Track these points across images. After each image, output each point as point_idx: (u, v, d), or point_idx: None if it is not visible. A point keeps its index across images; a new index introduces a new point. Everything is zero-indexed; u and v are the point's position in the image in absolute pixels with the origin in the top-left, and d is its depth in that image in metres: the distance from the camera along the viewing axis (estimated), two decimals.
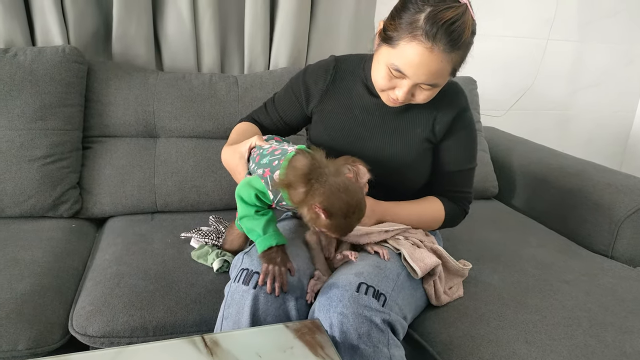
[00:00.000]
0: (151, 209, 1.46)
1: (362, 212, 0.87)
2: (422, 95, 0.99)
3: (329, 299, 0.89)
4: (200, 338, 0.80)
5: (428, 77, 0.93)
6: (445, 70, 0.93)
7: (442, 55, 0.90)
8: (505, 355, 0.93)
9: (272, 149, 0.96)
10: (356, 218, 0.86)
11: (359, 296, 0.89)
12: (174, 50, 1.62)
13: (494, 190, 1.79)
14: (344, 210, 0.83)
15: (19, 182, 1.31)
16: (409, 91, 0.97)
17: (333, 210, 0.83)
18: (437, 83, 0.96)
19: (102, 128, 1.47)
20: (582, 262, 1.32)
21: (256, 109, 1.28)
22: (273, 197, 0.91)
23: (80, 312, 1.02)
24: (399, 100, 0.99)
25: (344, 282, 0.91)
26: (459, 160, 1.11)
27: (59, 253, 1.20)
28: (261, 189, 0.91)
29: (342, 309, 0.87)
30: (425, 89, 0.97)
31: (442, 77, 0.95)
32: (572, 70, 2.32)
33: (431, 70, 0.92)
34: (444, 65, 0.92)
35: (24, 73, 1.34)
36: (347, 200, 0.83)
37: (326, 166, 0.87)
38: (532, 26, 2.16)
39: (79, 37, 1.52)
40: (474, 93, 1.85)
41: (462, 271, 1.11)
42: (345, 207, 0.83)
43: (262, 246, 0.92)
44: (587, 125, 2.49)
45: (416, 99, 1.00)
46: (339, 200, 0.83)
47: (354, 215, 0.85)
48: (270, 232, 0.93)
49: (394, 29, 0.93)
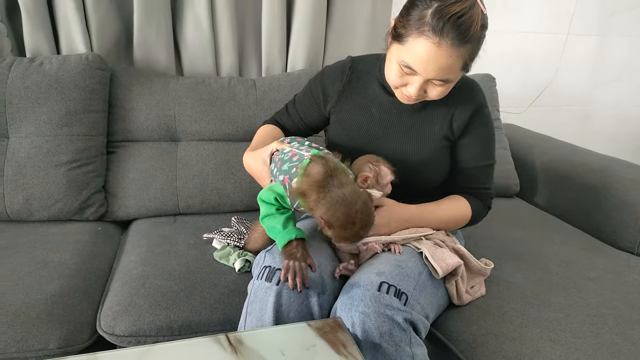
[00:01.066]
0: (174, 211, 1.49)
1: (366, 220, 0.87)
2: (435, 92, 0.98)
3: (351, 298, 0.90)
4: (224, 336, 0.81)
5: (438, 72, 0.93)
6: (455, 65, 0.92)
7: (450, 50, 0.90)
8: (529, 353, 0.92)
9: (292, 153, 0.98)
10: (359, 227, 0.87)
11: (380, 295, 0.89)
12: (193, 55, 1.65)
13: (515, 188, 1.77)
14: (342, 221, 0.86)
15: (46, 187, 1.35)
16: (420, 87, 0.97)
17: (332, 221, 0.86)
18: (449, 78, 0.95)
19: (125, 133, 1.50)
20: (607, 259, 1.30)
21: (278, 111, 1.31)
22: (291, 203, 0.94)
23: (107, 312, 1.05)
24: (412, 97, 0.99)
25: (365, 281, 0.91)
26: (478, 157, 1.11)
27: (86, 255, 1.23)
28: (282, 193, 0.94)
29: (363, 308, 0.88)
30: (437, 85, 0.97)
31: (453, 72, 0.94)
32: (593, 65, 2.28)
33: (440, 66, 0.92)
34: (454, 60, 0.91)
35: (50, 81, 1.38)
36: (345, 212, 0.85)
37: (335, 175, 0.88)
38: (551, 21, 2.13)
39: (101, 44, 1.56)
40: (493, 90, 1.84)
41: (484, 270, 1.10)
42: (344, 218, 0.85)
43: (282, 241, 0.93)
44: (610, 121, 2.44)
45: (429, 96, 1.00)
46: (337, 211, 0.85)
47: (354, 225, 0.86)
48: (290, 227, 0.95)
49: (403, 26, 0.94)
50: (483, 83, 1.81)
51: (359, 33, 1.78)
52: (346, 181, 0.89)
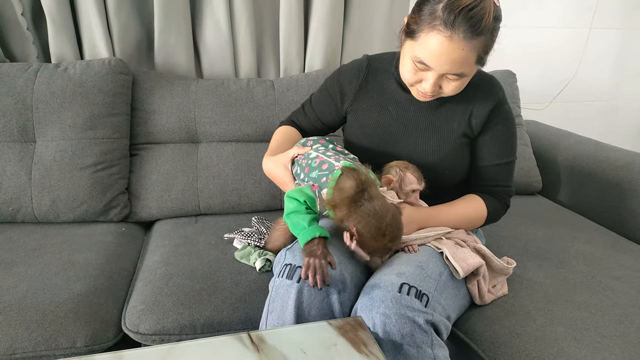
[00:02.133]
0: (195, 212, 1.51)
1: (395, 232, 0.90)
2: (450, 87, 0.98)
3: (371, 299, 0.90)
4: (246, 335, 0.82)
5: (451, 66, 0.93)
6: (468, 58, 0.92)
7: (462, 43, 0.89)
8: (553, 352, 0.91)
9: (320, 160, 0.99)
10: (388, 239, 0.90)
11: (401, 297, 0.88)
12: (212, 58, 1.67)
13: (537, 185, 1.74)
14: (373, 234, 0.89)
15: (72, 189, 1.38)
16: (435, 83, 0.97)
17: (364, 233, 0.90)
18: (463, 72, 0.94)
19: (147, 135, 1.53)
20: (633, 257, 1.27)
21: (295, 111, 1.31)
22: (320, 210, 0.96)
23: (132, 311, 1.07)
24: (428, 93, 0.99)
25: (386, 282, 0.91)
26: (498, 154, 1.09)
27: (110, 255, 1.26)
28: (312, 197, 0.96)
29: (384, 310, 0.87)
30: (451, 80, 0.96)
31: (467, 65, 0.93)
32: (617, 59, 2.23)
33: (453, 59, 0.91)
34: (466, 53, 0.91)
35: (74, 86, 1.41)
36: (376, 225, 0.88)
37: (367, 188, 0.90)
38: (573, 15, 2.09)
39: (123, 49, 1.59)
40: (514, 86, 1.81)
41: (506, 270, 1.08)
42: (375, 230, 0.89)
43: (304, 238, 0.94)
44: (635, 115, 2.38)
45: (445, 91, 0.99)
46: (369, 224, 0.89)
47: (384, 237, 0.89)
48: (314, 225, 0.95)
49: (415, 22, 0.94)
50: (503, 79, 1.79)
51: (377, 33, 1.77)
52: (376, 194, 0.91)
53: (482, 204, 1.10)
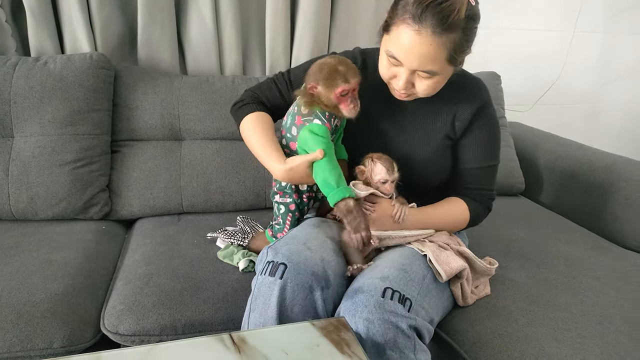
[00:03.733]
0: (177, 210, 1.49)
1: (347, 65, 1.00)
2: (423, 86, 0.96)
3: (355, 304, 0.89)
4: (228, 335, 0.81)
5: (420, 61, 0.91)
6: (437, 55, 0.90)
7: (430, 38, 0.88)
8: (534, 353, 0.92)
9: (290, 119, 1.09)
10: (343, 71, 0.98)
11: (384, 302, 0.88)
12: (197, 54, 1.65)
13: (520, 186, 1.76)
14: (326, 74, 0.99)
15: (51, 186, 1.35)
16: (407, 80, 0.96)
17: (319, 79, 0.99)
18: (432, 69, 0.93)
19: (129, 132, 1.50)
20: (613, 258, 1.29)
21: (255, 87, 1.20)
22: (305, 114, 1.03)
23: (111, 312, 1.05)
24: (401, 90, 0.98)
25: (369, 286, 0.91)
26: (481, 157, 1.09)
27: (90, 254, 1.23)
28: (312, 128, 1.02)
29: (367, 315, 0.87)
30: (423, 78, 0.95)
31: (436, 63, 0.91)
32: (600, 62, 2.27)
33: (421, 54, 0.90)
34: (435, 49, 0.89)
35: (54, 80, 1.38)
36: (328, 67, 0.99)
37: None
38: (557, 18, 2.11)
39: (105, 44, 1.56)
40: (498, 88, 1.82)
41: (488, 271, 1.09)
42: (327, 70, 0.99)
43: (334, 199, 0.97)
44: (618, 119, 2.42)
45: (418, 90, 0.98)
46: (322, 71, 1.00)
47: (337, 72, 0.98)
48: (343, 186, 0.98)
49: (390, 17, 0.94)
50: (488, 81, 1.80)
51: (363, 31, 1.77)
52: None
53: (465, 207, 1.10)
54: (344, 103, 1.00)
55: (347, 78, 0.98)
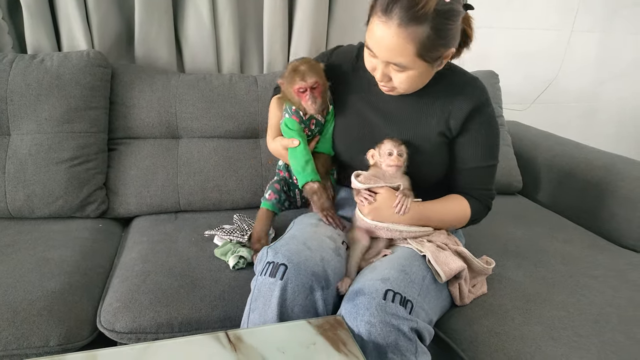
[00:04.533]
0: (175, 209, 1.49)
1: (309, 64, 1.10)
2: (397, 79, 0.98)
3: (356, 306, 0.89)
4: (224, 334, 0.81)
5: (388, 54, 0.93)
6: (405, 47, 0.90)
7: (397, 29, 0.89)
8: (530, 352, 0.92)
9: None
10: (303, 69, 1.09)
11: (386, 304, 0.88)
12: (194, 52, 1.65)
13: (518, 185, 1.76)
14: (289, 71, 1.11)
15: (47, 184, 1.35)
16: (383, 73, 0.98)
17: (284, 77, 1.13)
18: (401, 63, 0.93)
19: (126, 130, 1.50)
20: (610, 257, 1.29)
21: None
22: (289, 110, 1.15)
23: (107, 309, 1.05)
24: (380, 82, 1.01)
25: (370, 289, 0.90)
26: (479, 157, 1.08)
27: (86, 252, 1.23)
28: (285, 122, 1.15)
29: (369, 318, 0.87)
30: (396, 70, 0.97)
31: (403, 55, 0.92)
32: (597, 62, 2.27)
33: (388, 46, 0.92)
34: (402, 41, 0.90)
35: (51, 78, 1.38)
36: (292, 66, 1.11)
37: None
38: (555, 18, 2.11)
39: (102, 41, 1.55)
40: (496, 87, 1.82)
41: (486, 270, 1.09)
42: (290, 68, 1.11)
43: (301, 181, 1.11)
44: (615, 117, 2.42)
45: (395, 84, 1.00)
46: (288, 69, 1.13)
47: (298, 70, 1.09)
48: (308, 170, 1.11)
49: (370, 10, 0.96)
50: (486, 80, 1.80)
51: (361, 29, 1.74)
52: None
53: (467, 205, 1.10)
54: (304, 99, 1.10)
55: (305, 77, 1.08)
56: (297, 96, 1.11)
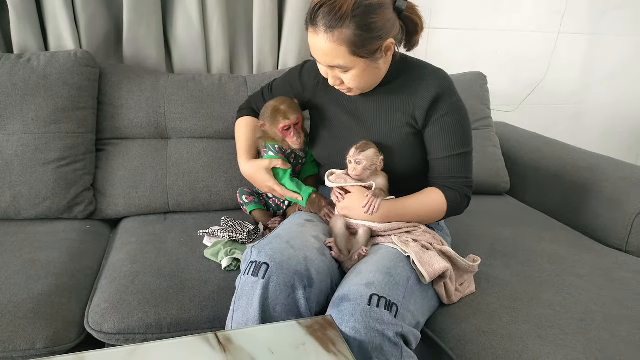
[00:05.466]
0: (164, 210, 1.48)
1: (288, 104, 1.18)
2: (347, 79, 1.04)
3: (341, 312, 0.89)
4: (213, 335, 0.81)
5: (326, 58, 0.99)
6: (337, 50, 0.97)
7: (324, 36, 0.96)
8: (518, 350, 0.93)
9: None
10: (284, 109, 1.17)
11: (370, 310, 0.88)
12: (183, 52, 1.64)
13: (505, 185, 1.78)
14: (270, 112, 1.19)
15: (34, 185, 1.33)
16: (332, 77, 1.05)
17: (266, 117, 1.20)
18: (341, 64, 1.00)
19: (114, 130, 1.49)
20: (596, 256, 1.31)
21: (254, 95, 1.38)
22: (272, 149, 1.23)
23: (95, 310, 1.04)
24: (331, 84, 1.07)
25: (355, 294, 0.90)
26: (449, 146, 1.09)
27: (74, 254, 1.22)
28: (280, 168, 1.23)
29: (354, 324, 0.87)
30: (340, 72, 1.03)
31: (339, 57, 0.98)
32: (584, 64, 2.30)
33: (323, 52, 0.99)
34: (333, 45, 0.96)
35: (38, 78, 1.36)
36: (272, 107, 1.19)
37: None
38: (542, 20, 2.14)
39: (90, 41, 1.54)
40: (484, 88, 1.84)
41: (472, 268, 1.10)
42: (271, 109, 1.19)
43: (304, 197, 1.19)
44: (602, 119, 2.46)
45: (347, 84, 1.05)
46: (267, 110, 1.20)
47: (279, 110, 1.17)
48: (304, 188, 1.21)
49: (305, 25, 1.01)
50: (474, 81, 1.82)
51: None
52: None
53: (441, 195, 1.10)
54: (289, 136, 1.18)
55: (287, 115, 1.17)
56: (282, 134, 1.19)
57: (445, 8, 1.95)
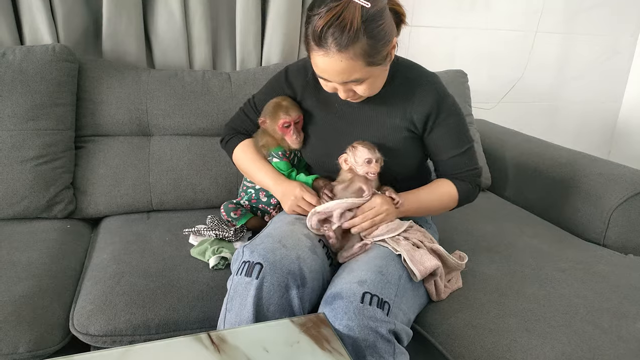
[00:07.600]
0: (147, 208, 1.45)
1: (289, 101, 1.16)
2: (361, 90, 1.00)
3: (334, 310, 0.90)
4: (206, 335, 0.80)
5: (341, 76, 0.95)
6: (353, 66, 0.93)
7: (338, 56, 0.92)
8: (506, 343, 0.95)
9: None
10: (285, 105, 1.15)
11: (363, 307, 0.89)
12: (165, 47, 1.61)
13: (487, 182, 1.81)
14: (271, 108, 1.16)
15: (11, 184, 1.29)
16: (345, 90, 1.01)
17: (266, 114, 1.17)
18: (357, 78, 0.96)
19: (94, 127, 1.45)
20: (576, 250, 1.35)
21: (232, 121, 1.31)
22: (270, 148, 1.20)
23: (80, 312, 1.02)
24: (345, 98, 1.03)
25: (348, 292, 0.91)
26: (455, 145, 1.12)
27: (55, 254, 1.19)
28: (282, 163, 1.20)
29: (347, 322, 0.88)
30: (355, 84, 0.99)
31: (356, 72, 0.95)
32: (560, 62, 2.35)
33: (338, 71, 0.94)
34: (348, 63, 0.92)
35: (14, 73, 1.32)
36: (273, 103, 1.17)
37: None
38: (521, 19, 2.18)
39: (68, 35, 1.50)
40: (465, 86, 1.87)
41: (460, 267, 1.12)
42: (272, 106, 1.17)
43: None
44: (575, 116, 2.52)
45: (361, 94, 1.02)
46: (268, 106, 1.18)
47: (281, 106, 1.15)
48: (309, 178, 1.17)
49: (304, 41, 0.97)
50: (455, 79, 1.84)
51: None
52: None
53: (452, 186, 1.13)
54: (288, 134, 1.16)
55: (289, 111, 1.14)
56: (281, 131, 1.15)
57: (428, 6, 1.97)
